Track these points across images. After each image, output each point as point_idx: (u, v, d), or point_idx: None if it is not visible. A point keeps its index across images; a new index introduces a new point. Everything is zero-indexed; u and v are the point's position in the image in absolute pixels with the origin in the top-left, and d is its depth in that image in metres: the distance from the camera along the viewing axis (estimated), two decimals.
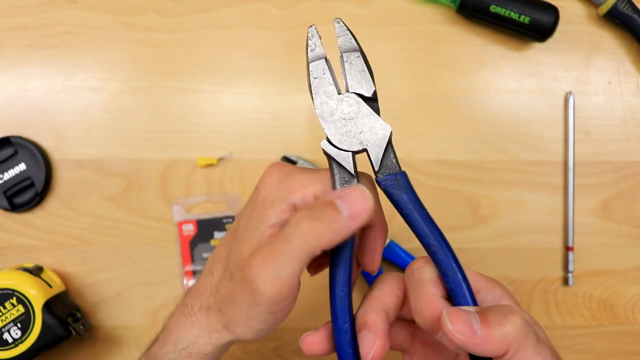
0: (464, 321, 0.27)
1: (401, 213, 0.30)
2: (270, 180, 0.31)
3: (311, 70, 0.31)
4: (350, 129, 0.31)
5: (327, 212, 0.28)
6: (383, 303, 0.31)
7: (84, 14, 0.52)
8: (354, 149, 0.30)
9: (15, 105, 0.52)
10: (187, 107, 0.52)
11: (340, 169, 0.31)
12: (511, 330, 0.27)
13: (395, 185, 0.30)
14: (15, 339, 0.46)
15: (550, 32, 0.50)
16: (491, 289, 0.31)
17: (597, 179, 0.52)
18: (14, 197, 0.51)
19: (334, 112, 0.31)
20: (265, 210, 0.30)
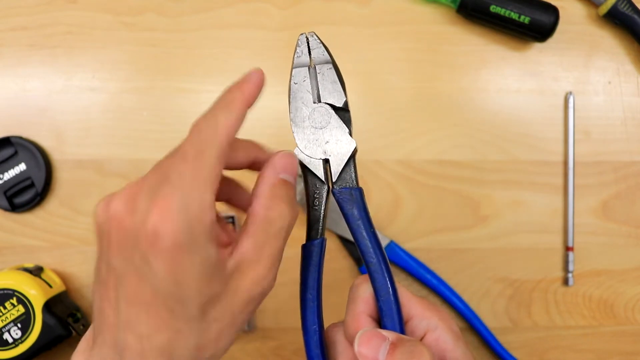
0: (372, 346, 0.28)
1: (349, 227, 0.31)
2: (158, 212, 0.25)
3: (293, 75, 0.32)
4: (318, 138, 0.32)
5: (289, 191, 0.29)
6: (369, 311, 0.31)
7: (84, 14, 0.52)
8: (317, 156, 0.31)
9: (15, 106, 0.52)
10: (187, 107, 0.52)
11: (312, 176, 0.32)
12: None
13: (348, 199, 0.31)
14: (15, 339, 0.46)
15: (550, 32, 0.50)
16: (427, 316, 0.31)
17: (597, 179, 0.52)
18: (14, 197, 0.51)
19: (305, 119, 0.32)
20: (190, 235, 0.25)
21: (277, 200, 0.28)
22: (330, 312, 0.52)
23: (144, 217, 0.24)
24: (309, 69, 0.32)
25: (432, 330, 0.31)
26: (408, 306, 0.31)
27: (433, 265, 0.51)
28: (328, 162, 0.31)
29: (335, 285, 0.52)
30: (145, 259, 0.24)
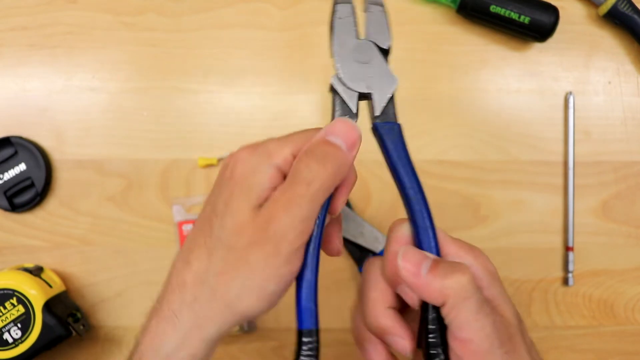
0: (414, 261, 0.29)
1: (388, 161, 0.32)
2: (240, 157, 0.31)
3: (337, 9, 0.32)
4: (362, 71, 0.32)
5: (327, 149, 0.30)
6: (386, 301, 0.31)
7: (84, 14, 0.52)
8: (360, 89, 0.32)
9: (15, 106, 0.52)
10: (187, 107, 0.52)
11: (343, 107, 0.32)
12: (452, 286, 0.28)
13: (390, 133, 0.32)
14: (15, 339, 0.46)
15: (550, 32, 0.50)
16: (461, 255, 0.31)
17: (597, 179, 0.52)
18: (14, 197, 0.51)
19: (348, 53, 0.32)
20: (249, 177, 0.30)
21: (308, 154, 0.29)
22: (331, 313, 0.52)
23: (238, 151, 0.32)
24: (353, 6, 0.32)
25: None
26: (441, 244, 0.32)
27: None
28: (369, 96, 0.32)
29: (336, 286, 0.52)
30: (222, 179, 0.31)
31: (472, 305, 0.28)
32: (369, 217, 0.52)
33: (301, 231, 0.29)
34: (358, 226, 0.51)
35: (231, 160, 0.31)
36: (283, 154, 0.30)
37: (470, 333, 0.28)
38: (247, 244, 0.29)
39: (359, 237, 0.50)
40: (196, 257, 0.31)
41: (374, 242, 0.51)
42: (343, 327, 0.52)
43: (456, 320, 0.28)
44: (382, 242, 0.50)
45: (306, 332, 0.32)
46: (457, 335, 0.28)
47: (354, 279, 0.52)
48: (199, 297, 0.30)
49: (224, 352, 0.52)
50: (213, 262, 0.30)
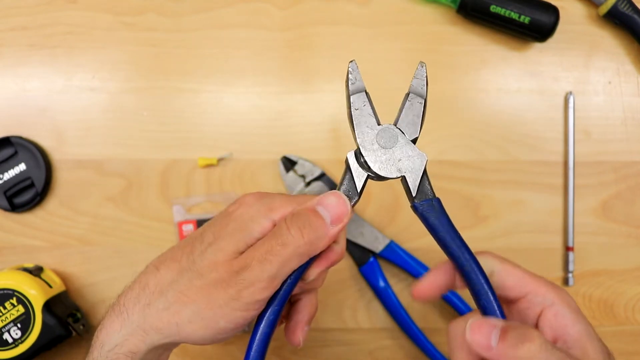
0: (483, 333, 0.29)
1: (436, 236, 0.32)
2: (246, 201, 0.33)
3: (352, 102, 0.33)
4: (390, 157, 0.33)
5: (311, 219, 0.31)
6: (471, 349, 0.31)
7: (84, 14, 0.52)
8: (392, 175, 0.33)
9: (15, 105, 0.52)
10: (187, 107, 0.52)
11: (351, 183, 0.33)
12: (524, 356, 0.28)
13: (431, 210, 0.32)
14: (15, 339, 0.46)
15: (550, 32, 0.50)
16: (542, 293, 0.32)
17: (597, 179, 0.52)
18: (14, 197, 0.51)
19: (373, 142, 0.33)
20: (244, 222, 0.32)
21: (291, 218, 0.31)
22: (331, 313, 0.52)
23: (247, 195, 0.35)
24: (366, 93, 0.33)
25: (548, 306, 0.32)
26: (522, 283, 0.32)
27: (433, 265, 0.51)
28: (404, 178, 0.33)
29: (336, 286, 0.52)
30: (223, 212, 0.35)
31: None
32: (369, 217, 0.52)
33: (266, 286, 0.30)
34: (358, 226, 0.51)
35: (239, 200, 0.34)
36: (284, 211, 0.32)
37: None
38: (216, 280, 0.31)
39: (359, 237, 0.50)
40: (167, 267, 0.33)
41: (374, 242, 0.51)
42: (343, 327, 0.52)
43: None
44: (382, 242, 0.51)
45: None
46: None
47: (354, 278, 0.52)
48: (153, 304, 0.32)
49: (224, 352, 0.52)
50: (179, 280, 0.32)
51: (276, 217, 0.32)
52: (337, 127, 0.52)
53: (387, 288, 0.50)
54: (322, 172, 0.51)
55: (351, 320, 0.52)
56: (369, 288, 0.51)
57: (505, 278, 0.33)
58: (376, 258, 0.51)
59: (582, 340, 0.30)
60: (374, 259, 0.51)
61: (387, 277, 0.51)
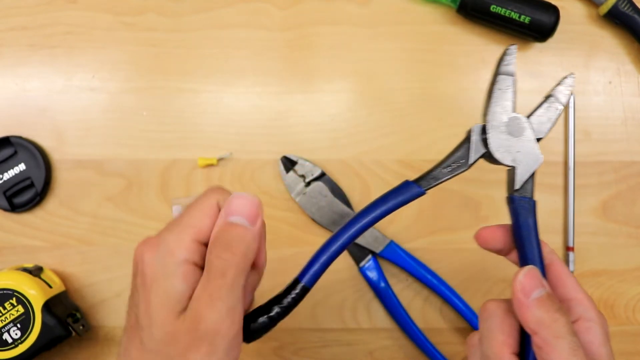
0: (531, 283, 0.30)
1: (518, 234, 0.33)
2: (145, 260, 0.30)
3: (498, 80, 0.34)
4: (511, 145, 0.33)
5: (232, 233, 0.30)
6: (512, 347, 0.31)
7: (84, 14, 0.52)
8: (505, 162, 0.33)
9: (15, 105, 0.52)
10: (187, 107, 0.52)
11: (464, 153, 0.34)
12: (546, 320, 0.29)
13: (526, 208, 0.33)
14: (14, 339, 0.45)
15: (550, 32, 0.50)
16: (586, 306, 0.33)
17: (597, 179, 0.52)
18: (14, 197, 0.51)
19: (501, 125, 0.33)
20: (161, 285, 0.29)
21: (216, 243, 0.30)
22: (331, 313, 0.52)
23: (140, 250, 0.30)
24: (514, 79, 0.34)
25: (586, 319, 0.32)
26: (572, 286, 0.33)
27: (433, 265, 0.51)
28: (513, 169, 0.33)
29: (336, 287, 0.52)
30: (135, 286, 0.30)
31: (564, 346, 0.29)
32: None
33: (232, 321, 0.29)
34: None
35: (138, 264, 0.30)
36: (185, 245, 0.30)
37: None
38: (183, 350, 0.28)
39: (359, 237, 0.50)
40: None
41: (374, 242, 0.51)
42: (343, 327, 0.52)
43: (549, 356, 0.29)
44: (382, 242, 0.50)
45: (303, 287, 0.33)
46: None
47: (353, 279, 0.52)
48: None
49: None
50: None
51: (184, 255, 0.29)
52: (337, 127, 0.52)
53: (387, 288, 0.50)
54: (322, 172, 0.51)
55: (351, 320, 0.52)
56: (369, 288, 0.51)
57: (561, 272, 0.33)
58: (376, 258, 0.51)
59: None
60: (374, 259, 0.51)
61: (387, 277, 0.51)
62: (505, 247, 0.34)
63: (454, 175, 0.34)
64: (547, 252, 0.33)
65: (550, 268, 0.34)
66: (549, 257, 0.34)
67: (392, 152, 0.52)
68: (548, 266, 0.33)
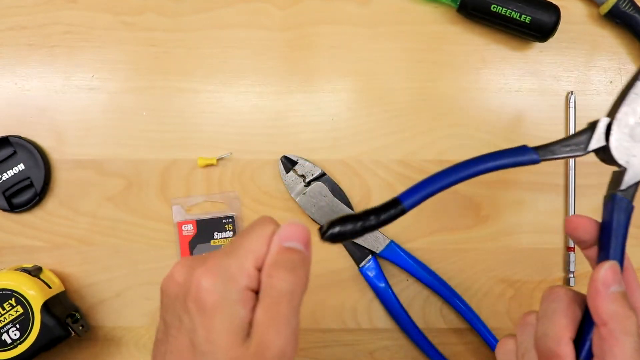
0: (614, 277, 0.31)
1: (608, 231, 0.33)
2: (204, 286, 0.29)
3: (637, 85, 0.33)
4: (629, 147, 0.33)
5: (293, 257, 0.30)
6: (572, 332, 0.32)
7: (83, 14, 0.52)
8: (619, 161, 0.34)
9: (14, 105, 0.52)
10: (187, 107, 0.52)
11: (585, 139, 0.34)
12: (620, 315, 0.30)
13: (623, 209, 0.33)
14: (13, 339, 0.45)
15: (551, 31, 0.50)
16: None
17: (598, 179, 0.52)
18: (13, 197, 0.51)
19: (627, 126, 0.33)
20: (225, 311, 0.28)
21: (277, 267, 0.30)
22: (331, 313, 0.52)
23: (192, 275, 0.29)
24: None
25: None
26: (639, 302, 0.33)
27: (433, 265, 0.51)
28: (623, 170, 0.33)
29: (336, 287, 0.52)
30: (188, 311, 0.29)
31: (630, 344, 0.29)
32: None
33: (295, 343, 0.29)
34: None
35: (192, 289, 0.29)
36: (247, 272, 0.30)
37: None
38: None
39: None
40: None
41: (374, 242, 0.50)
42: (343, 327, 0.52)
43: (612, 350, 0.29)
44: (382, 242, 0.50)
45: (402, 208, 0.33)
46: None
47: (353, 279, 0.52)
48: None
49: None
50: None
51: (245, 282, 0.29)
52: (337, 127, 0.52)
53: (387, 288, 0.50)
54: (322, 172, 0.51)
55: (351, 320, 0.52)
56: (369, 288, 0.51)
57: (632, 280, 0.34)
58: (376, 258, 0.51)
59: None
60: (374, 259, 0.51)
61: (387, 277, 0.51)
62: (589, 240, 0.35)
63: (570, 156, 0.34)
64: (625, 258, 0.34)
65: (624, 273, 0.34)
66: (625, 262, 0.34)
67: (392, 152, 0.52)
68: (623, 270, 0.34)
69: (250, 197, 0.52)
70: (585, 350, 0.31)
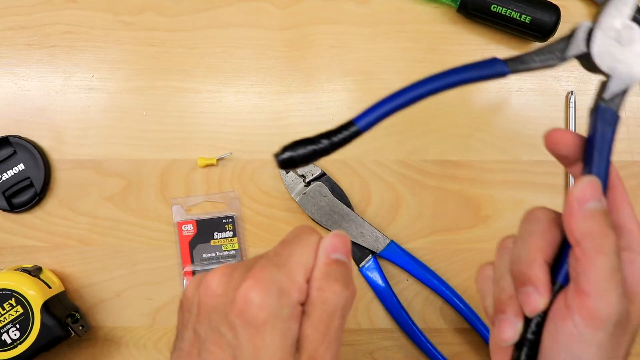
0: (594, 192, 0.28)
1: (592, 145, 0.30)
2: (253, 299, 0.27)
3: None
4: (614, 53, 0.30)
5: (341, 270, 0.29)
6: (547, 255, 0.30)
7: (83, 13, 0.52)
8: (601, 68, 0.30)
9: (13, 105, 0.52)
10: (187, 107, 0.52)
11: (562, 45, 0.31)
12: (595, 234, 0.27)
13: (608, 120, 0.30)
14: (13, 339, 0.45)
15: (551, 31, 0.50)
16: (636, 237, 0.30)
17: None
18: (13, 198, 0.51)
19: (612, 30, 0.30)
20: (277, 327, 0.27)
21: (329, 280, 0.28)
22: None
23: (237, 285, 0.27)
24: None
25: (633, 251, 0.30)
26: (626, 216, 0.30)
27: (433, 265, 0.51)
28: (608, 78, 0.30)
29: None
30: (232, 325, 0.27)
31: (605, 264, 0.27)
32: (369, 217, 0.51)
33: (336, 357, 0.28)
34: (358, 226, 0.51)
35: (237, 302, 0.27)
36: (298, 286, 0.28)
37: (593, 289, 0.27)
38: None
39: (359, 237, 0.50)
40: None
41: (374, 242, 0.50)
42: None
43: (587, 270, 0.27)
44: (382, 242, 0.50)
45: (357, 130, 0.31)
46: (581, 286, 0.27)
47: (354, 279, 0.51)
48: None
49: None
50: None
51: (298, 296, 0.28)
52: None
53: (387, 288, 0.50)
54: (322, 172, 0.51)
55: (351, 320, 0.52)
56: (369, 288, 0.51)
57: (620, 198, 0.31)
58: (376, 258, 0.51)
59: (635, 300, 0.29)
60: (374, 259, 0.51)
61: (387, 277, 0.51)
62: (572, 156, 0.32)
63: (544, 66, 0.30)
64: (613, 175, 0.31)
65: (612, 191, 0.31)
66: (614, 180, 0.31)
67: (392, 152, 0.52)
68: (610, 189, 0.31)
69: (250, 197, 0.52)
70: (562, 274, 0.29)
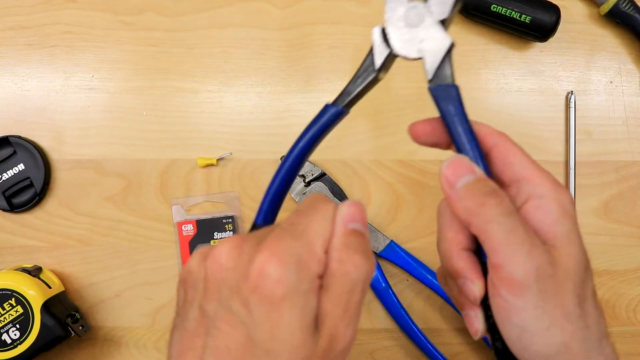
0: (457, 171, 0.28)
1: (446, 125, 0.30)
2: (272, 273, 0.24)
3: None
4: (413, 37, 0.31)
5: (360, 240, 0.27)
6: (460, 242, 0.29)
7: (83, 13, 0.52)
8: (411, 56, 0.31)
9: (13, 105, 0.52)
10: (187, 107, 0.52)
11: (369, 60, 0.32)
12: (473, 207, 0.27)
13: (444, 96, 0.30)
14: (13, 339, 0.45)
15: (551, 31, 0.49)
16: (537, 183, 0.29)
17: (598, 179, 0.52)
18: (13, 198, 0.51)
19: (400, 19, 0.31)
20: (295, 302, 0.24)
21: (349, 252, 0.26)
22: None
23: (250, 258, 0.24)
24: None
25: (535, 197, 0.28)
26: (520, 165, 0.29)
27: (433, 265, 0.51)
28: (423, 60, 0.31)
29: None
30: (246, 302, 0.24)
31: (498, 229, 0.26)
32: (369, 217, 0.51)
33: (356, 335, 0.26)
34: None
35: (251, 276, 0.24)
36: (318, 258, 0.26)
37: (500, 258, 0.26)
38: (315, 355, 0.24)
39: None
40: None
41: (374, 242, 0.50)
42: None
43: (488, 244, 0.27)
44: (382, 242, 0.50)
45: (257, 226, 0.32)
46: (492, 260, 0.27)
47: None
48: None
49: None
50: None
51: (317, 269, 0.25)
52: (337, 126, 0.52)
53: (387, 288, 0.50)
54: (322, 172, 0.51)
55: None
56: (369, 288, 0.51)
57: (506, 152, 0.30)
58: (376, 258, 0.51)
59: (555, 241, 0.28)
60: None
61: (387, 277, 0.51)
62: (440, 141, 0.31)
63: (366, 85, 0.32)
64: (487, 134, 0.30)
65: (494, 150, 0.30)
66: (490, 139, 0.30)
67: (392, 152, 0.52)
68: (491, 149, 0.30)
69: (250, 197, 0.52)
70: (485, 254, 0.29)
